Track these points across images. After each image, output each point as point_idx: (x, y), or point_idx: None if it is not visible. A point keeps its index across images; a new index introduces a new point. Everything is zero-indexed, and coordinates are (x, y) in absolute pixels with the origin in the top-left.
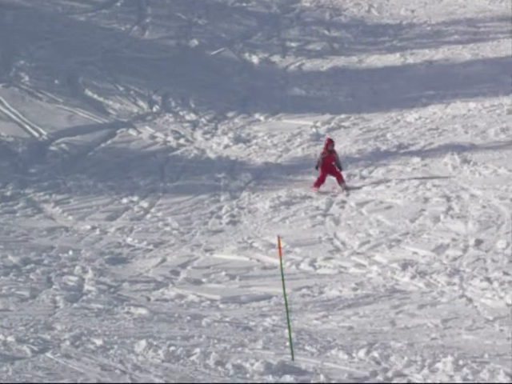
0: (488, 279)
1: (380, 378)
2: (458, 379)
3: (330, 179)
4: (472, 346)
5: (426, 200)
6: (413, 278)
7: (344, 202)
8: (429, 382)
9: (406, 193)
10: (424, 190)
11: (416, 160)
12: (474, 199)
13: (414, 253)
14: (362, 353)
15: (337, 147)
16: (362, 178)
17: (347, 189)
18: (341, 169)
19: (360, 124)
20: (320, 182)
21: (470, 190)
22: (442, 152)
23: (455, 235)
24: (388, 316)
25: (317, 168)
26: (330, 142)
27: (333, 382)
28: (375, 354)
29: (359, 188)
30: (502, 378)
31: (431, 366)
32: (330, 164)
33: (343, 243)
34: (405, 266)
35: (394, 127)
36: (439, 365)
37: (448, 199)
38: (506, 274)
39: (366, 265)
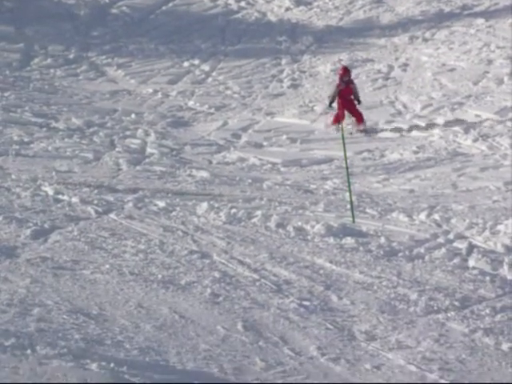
0: None
1: (441, 241)
2: None
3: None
4: None
5: (490, 62)
6: (475, 140)
7: (406, 65)
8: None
9: (470, 55)
10: (488, 52)
11: (480, 21)
12: None
13: (477, 115)
14: (423, 215)
15: (399, 9)
16: (425, 40)
17: (366, 131)
18: (359, 101)
19: None
20: (339, 118)
21: None
22: (508, 12)
23: None
24: (449, 179)
25: (330, 105)
26: (346, 72)
27: (394, 244)
28: (436, 216)
29: (380, 131)
30: None
31: (492, 228)
32: (347, 98)
33: (405, 106)
34: (467, 128)
35: None
36: (501, 227)
37: None
38: None
39: (428, 128)
